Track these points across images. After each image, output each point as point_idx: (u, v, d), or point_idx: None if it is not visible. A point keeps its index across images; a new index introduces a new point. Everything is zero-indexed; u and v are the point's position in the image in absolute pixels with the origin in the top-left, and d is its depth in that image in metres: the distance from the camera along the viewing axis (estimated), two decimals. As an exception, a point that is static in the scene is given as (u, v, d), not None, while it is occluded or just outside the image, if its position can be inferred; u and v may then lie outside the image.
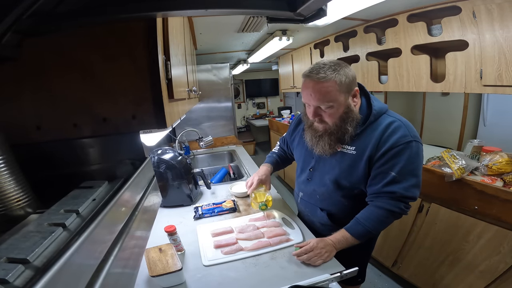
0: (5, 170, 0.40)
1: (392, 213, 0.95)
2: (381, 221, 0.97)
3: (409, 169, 0.92)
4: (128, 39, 0.56)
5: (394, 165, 0.92)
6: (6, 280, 0.24)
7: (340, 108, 0.94)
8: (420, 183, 0.96)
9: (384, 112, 0.99)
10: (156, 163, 1.39)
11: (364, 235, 0.98)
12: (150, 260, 0.89)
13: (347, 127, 0.96)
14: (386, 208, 0.95)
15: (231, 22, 2.07)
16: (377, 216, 0.96)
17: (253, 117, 6.64)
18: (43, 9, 0.43)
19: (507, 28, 1.25)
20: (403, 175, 0.92)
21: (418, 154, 0.94)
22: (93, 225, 0.34)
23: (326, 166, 1.08)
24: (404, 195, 0.93)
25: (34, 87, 0.54)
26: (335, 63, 0.92)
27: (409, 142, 0.91)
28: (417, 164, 0.94)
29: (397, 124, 0.94)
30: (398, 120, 0.96)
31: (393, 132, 0.93)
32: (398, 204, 0.94)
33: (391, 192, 0.93)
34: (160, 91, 0.58)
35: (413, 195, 0.94)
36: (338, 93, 0.91)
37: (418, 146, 0.94)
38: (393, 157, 0.92)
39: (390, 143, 0.92)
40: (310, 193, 1.18)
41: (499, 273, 1.30)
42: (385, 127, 0.95)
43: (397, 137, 0.92)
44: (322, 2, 0.57)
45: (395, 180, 0.92)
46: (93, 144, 0.60)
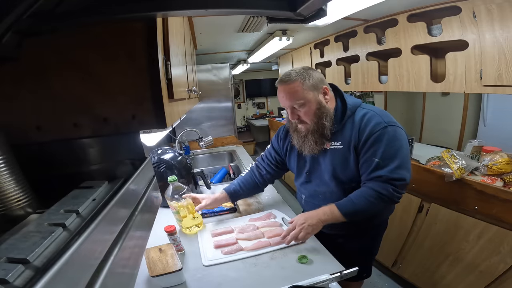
0: (5, 170, 0.40)
1: (380, 195, 0.97)
2: (369, 201, 0.98)
3: (390, 152, 0.97)
4: (128, 39, 0.56)
5: (376, 151, 0.98)
6: (6, 280, 0.24)
7: (312, 105, 1.02)
8: (405, 164, 0.98)
9: (358, 105, 1.07)
10: (156, 163, 1.39)
11: (351, 213, 1.01)
12: (150, 260, 0.89)
13: (323, 122, 1.03)
14: (375, 189, 0.98)
15: (231, 22, 2.07)
16: (366, 195, 0.99)
17: (253, 117, 6.63)
18: (43, 9, 0.43)
19: (507, 28, 1.25)
20: (385, 159, 0.97)
21: (397, 137, 0.98)
22: (93, 225, 0.34)
23: (321, 166, 1.11)
24: (390, 177, 0.96)
25: (34, 87, 0.54)
26: (300, 68, 1.04)
27: (385, 127, 0.98)
28: (397, 146, 0.98)
29: (371, 114, 1.02)
30: (371, 111, 1.03)
31: (368, 121, 1.00)
32: (386, 186, 0.97)
33: (379, 176, 0.98)
34: (160, 91, 0.58)
35: (400, 176, 0.96)
36: (306, 91, 1.00)
37: (395, 130, 0.99)
38: (372, 144, 0.98)
39: (367, 131, 0.99)
40: (312, 194, 1.20)
41: (499, 273, 1.30)
42: (361, 118, 1.02)
43: (372, 125, 0.99)
44: (322, 2, 0.57)
45: (380, 165, 0.97)
46: (93, 144, 0.60)
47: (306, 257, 0.97)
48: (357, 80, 2.37)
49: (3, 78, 0.52)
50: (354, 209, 1.00)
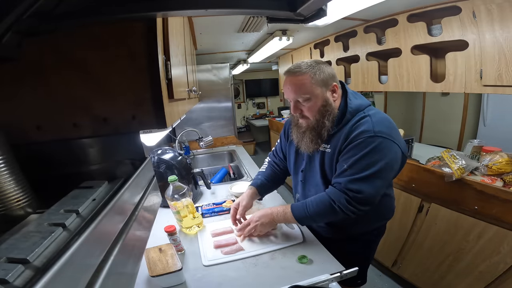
0: (5, 170, 0.40)
1: (332, 203, 0.93)
2: (320, 208, 0.95)
3: (362, 163, 0.89)
4: (128, 39, 0.56)
5: (349, 157, 0.92)
6: (6, 280, 0.24)
7: (317, 101, 0.96)
8: (372, 179, 0.89)
9: (361, 109, 0.99)
10: (156, 163, 1.39)
11: (302, 216, 0.99)
12: (150, 260, 0.89)
13: (325, 121, 0.98)
14: (329, 195, 0.94)
15: (231, 22, 2.07)
16: (319, 201, 0.97)
17: (253, 117, 6.63)
18: (43, 9, 0.43)
19: (507, 28, 1.25)
20: (353, 168, 0.91)
21: (379, 150, 0.89)
22: (93, 225, 0.34)
23: (314, 166, 1.09)
24: (347, 187, 0.90)
25: (34, 87, 0.54)
26: (312, 61, 0.98)
27: (370, 136, 0.90)
28: (374, 159, 0.89)
29: (365, 120, 0.94)
30: (368, 116, 0.95)
31: (356, 127, 0.94)
32: (340, 195, 0.92)
33: (338, 183, 0.94)
34: (160, 91, 0.58)
35: (358, 188, 0.89)
36: (314, 86, 0.95)
37: (382, 142, 0.89)
38: (350, 150, 0.93)
39: (352, 136, 0.93)
40: (305, 194, 1.18)
41: (499, 273, 1.30)
42: (354, 123, 0.95)
43: (358, 131, 0.92)
44: (322, 2, 0.57)
45: (345, 172, 0.92)
46: (93, 144, 0.60)
47: (306, 257, 0.97)
48: (357, 80, 2.37)
49: (3, 78, 0.52)
50: (305, 214, 0.98)
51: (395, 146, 0.92)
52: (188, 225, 1.19)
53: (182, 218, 1.18)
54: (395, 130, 0.96)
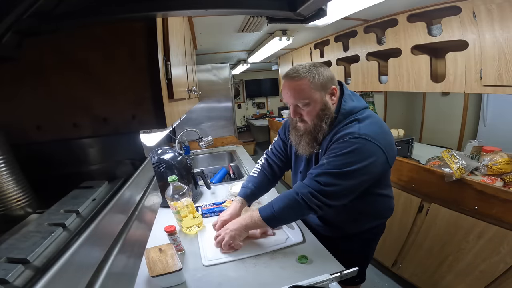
0: (5, 170, 0.40)
1: (296, 196, 0.92)
2: (285, 203, 0.95)
3: (340, 160, 0.89)
4: (128, 39, 0.56)
5: (329, 154, 0.93)
6: (6, 280, 0.24)
7: (316, 105, 0.96)
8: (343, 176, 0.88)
9: (355, 112, 0.97)
10: (156, 163, 1.39)
11: (269, 217, 0.98)
12: (150, 260, 0.89)
13: (322, 124, 0.98)
14: (294, 188, 0.94)
15: (231, 22, 2.07)
16: (284, 196, 0.96)
17: (253, 117, 6.63)
18: (43, 9, 0.43)
19: (507, 28, 1.25)
20: (329, 164, 0.91)
21: (361, 152, 0.88)
22: (93, 225, 0.34)
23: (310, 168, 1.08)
24: (316, 178, 0.90)
25: (34, 87, 0.54)
26: (310, 64, 0.97)
27: (354, 137, 0.89)
28: (353, 159, 0.88)
29: (352, 124, 0.95)
30: (357, 120, 0.95)
31: (343, 129, 0.94)
32: (304, 187, 0.91)
33: (309, 173, 0.94)
34: (160, 91, 0.58)
35: (328, 181, 0.88)
36: (313, 91, 0.94)
37: (365, 144, 0.88)
38: (333, 148, 0.93)
39: (336, 137, 0.94)
40: None
41: (499, 273, 1.30)
42: (342, 126, 0.96)
43: (344, 133, 0.93)
44: (322, 2, 0.57)
45: (320, 166, 0.93)
46: (93, 144, 0.60)
47: (306, 257, 0.97)
48: (357, 80, 2.37)
49: (3, 78, 0.52)
50: (271, 213, 0.97)
51: (379, 150, 0.90)
52: (188, 225, 1.19)
53: (182, 218, 1.18)
54: (385, 134, 0.95)
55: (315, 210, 0.92)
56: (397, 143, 2.02)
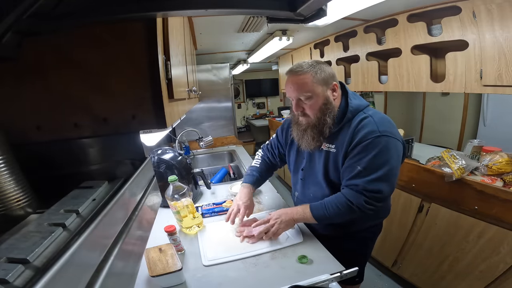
0: (5, 170, 0.40)
1: (350, 205, 0.96)
2: (339, 209, 0.98)
3: (375, 163, 0.93)
4: (128, 39, 0.56)
5: (361, 159, 0.95)
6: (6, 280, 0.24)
7: (319, 99, 0.99)
8: (387, 177, 0.94)
9: (361, 109, 1.02)
10: (156, 163, 1.39)
11: (320, 216, 1.02)
12: (150, 260, 0.89)
13: (326, 118, 1.01)
14: (347, 197, 0.97)
15: (231, 22, 2.07)
16: (337, 202, 0.99)
17: (253, 117, 6.63)
18: (43, 9, 0.43)
19: (507, 28, 1.25)
20: (367, 169, 0.94)
21: (387, 149, 0.94)
22: (93, 225, 0.34)
23: (316, 165, 1.11)
24: (366, 188, 0.94)
25: (34, 87, 0.54)
26: (313, 61, 1.02)
27: (377, 137, 0.94)
28: (385, 158, 0.94)
29: (367, 120, 0.98)
30: (370, 116, 0.99)
31: (362, 128, 0.97)
32: (359, 197, 0.95)
33: (355, 185, 0.96)
34: (160, 91, 0.58)
35: (376, 188, 0.94)
36: (315, 85, 0.98)
37: (388, 141, 0.94)
38: (360, 151, 0.95)
39: (358, 138, 0.96)
40: (304, 193, 1.20)
41: (499, 273, 1.30)
42: (357, 123, 0.99)
43: (364, 132, 0.95)
44: (322, 2, 0.57)
45: (360, 174, 0.95)
46: (93, 144, 0.60)
47: (306, 257, 0.97)
48: (357, 80, 2.37)
49: (3, 78, 0.52)
50: (324, 214, 1.01)
51: (399, 143, 0.97)
52: (188, 225, 1.19)
53: (182, 218, 1.18)
54: (395, 128, 1.01)
55: (368, 214, 0.97)
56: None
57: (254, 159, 1.42)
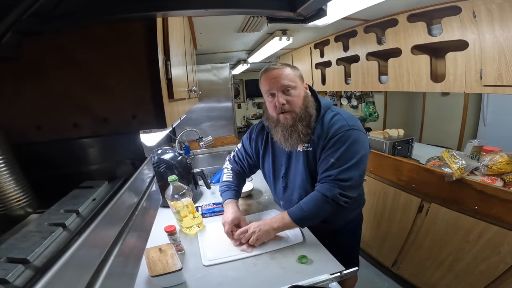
0: (5, 170, 0.40)
1: (326, 199, 0.99)
2: (316, 206, 1.01)
3: (346, 155, 0.99)
4: (128, 39, 0.56)
5: (334, 152, 1.01)
6: (6, 280, 0.24)
7: (301, 91, 1.06)
8: (357, 165, 1.00)
9: (328, 107, 1.09)
10: (156, 163, 1.39)
11: (299, 218, 1.04)
12: (150, 260, 0.89)
13: (310, 110, 1.06)
14: (322, 192, 1.01)
15: (231, 22, 2.07)
16: (313, 200, 1.02)
17: (253, 117, 6.64)
18: (43, 9, 0.43)
19: (507, 28, 1.25)
20: (340, 160, 0.99)
21: (357, 140, 1.01)
22: (93, 225, 0.34)
23: (296, 168, 1.12)
24: (338, 177, 0.98)
25: (34, 87, 0.54)
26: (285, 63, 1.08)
27: (347, 130, 1.01)
28: (355, 149, 1.00)
29: (338, 117, 1.05)
30: (339, 114, 1.06)
31: (333, 124, 1.03)
32: (333, 189, 0.99)
33: (328, 176, 1.01)
34: (160, 91, 0.58)
35: (348, 177, 0.99)
36: (296, 77, 1.05)
37: (358, 134, 1.02)
38: (333, 145, 1.01)
39: (331, 133, 1.02)
40: (289, 200, 1.19)
41: (499, 273, 1.30)
42: (329, 120, 1.05)
43: (336, 127, 1.02)
44: (322, 2, 0.57)
45: (333, 166, 1.00)
46: (93, 144, 0.60)
47: (306, 257, 0.97)
48: (357, 80, 2.37)
49: (3, 78, 0.52)
50: (303, 215, 1.03)
51: (364, 135, 1.05)
52: (188, 225, 1.19)
53: (182, 218, 1.18)
54: (359, 122, 1.09)
55: (344, 206, 1.00)
56: (397, 143, 2.02)
57: (224, 173, 1.36)
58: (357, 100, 3.32)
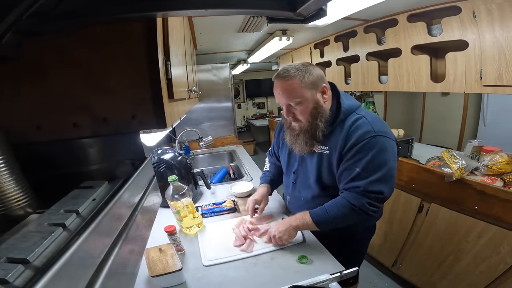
0: (5, 170, 0.40)
1: (353, 208, 0.93)
2: (342, 213, 0.96)
3: (373, 164, 0.92)
4: (128, 39, 0.56)
5: (358, 160, 0.93)
6: (6, 280, 0.24)
7: (309, 104, 0.98)
8: (386, 178, 0.93)
9: (353, 110, 1.01)
10: (156, 163, 1.39)
11: (322, 222, 0.99)
12: (150, 260, 0.89)
13: (317, 122, 0.99)
14: (349, 200, 0.95)
15: (231, 22, 2.07)
16: (339, 206, 0.97)
17: (253, 117, 6.63)
18: (43, 9, 0.43)
19: (507, 28, 1.25)
20: (367, 171, 0.92)
21: (384, 149, 0.93)
22: (93, 225, 0.34)
23: (308, 168, 1.10)
24: (367, 189, 0.92)
25: (34, 87, 0.54)
26: (300, 64, 0.98)
27: (373, 137, 0.92)
28: (383, 158, 0.92)
29: (362, 121, 0.96)
30: (363, 117, 0.97)
31: (356, 129, 0.95)
32: (361, 199, 0.93)
33: (356, 187, 0.94)
34: (160, 91, 0.58)
35: (378, 189, 0.92)
36: (304, 90, 0.96)
37: (384, 141, 0.93)
38: (357, 153, 0.94)
39: (354, 139, 0.94)
40: (296, 196, 1.19)
41: (499, 273, 1.30)
42: (351, 124, 0.97)
43: (360, 133, 0.94)
44: (322, 2, 0.57)
45: (360, 176, 0.93)
46: (93, 144, 0.60)
47: (306, 257, 0.97)
48: (357, 80, 2.37)
49: (3, 78, 0.52)
50: (326, 219, 0.98)
51: (393, 142, 0.97)
52: (188, 225, 1.19)
53: (182, 218, 1.18)
54: (388, 127, 1.01)
55: (372, 216, 0.95)
56: (397, 143, 2.02)
57: (265, 165, 1.48)
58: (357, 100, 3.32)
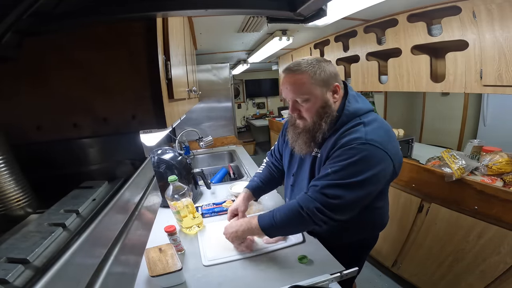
0: (5, 170, 0.40)
1: (300, 211, 0.86)
2: (287, 216, 0.89)
3: (347, 170, 0.83)
4: (128, 39, 0.56)
5: (335, 162, 0.86)
6: (6, 280, 0.24)
7: (317, 102, 0.90)
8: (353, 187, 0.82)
9: (358, 114, 0.92)
10: (156, 163, 1.39)
11: (267, 226, 0.93)
12: (150, 260, 0.89)
13: (322, 123, 0.92)
14: (299, 201, 0.88)
15: (231, 22, 2.07)
16: (287, 208, 0.91)
17: (253, 117, 6.63)
18: (43, 9, 0.43)
19: (507, 28, 1.25)
20: (336, 173, 0.84)
21: (369, 159, 0.83)
22: (93, 225, 0.34)
23: (303, 171, 1.06)
24: (323, 190, 0.84)
25: (34, 87, 0.54)
26: (314, 59, 0.92)
27: (361, 143, 0.83)
28: (360, 168, 0.82)
29: (358, 128, 0.88)
30: (363, 124, 0.89)
31: (348, 134, 0.88)
32: (312, 202, 0.84)
33: (314, 185, 0.87)
34: (160, 91, 0.58)
35: (335, 194, 0.82)
36: (313, 86, 0.89)
37: (373, 151, 0.83)
38: (338, 155, 0.86)
39: (342, 143, 0.87)
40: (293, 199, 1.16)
41: (499, 273, 1.30)
42: (347, 129, 0.90)
43: (350, 138, 0.86)
44: (322, 2, 0.57)
45: (327, 176, 0.85)
46: (93, 144, 0.60)
47: (306, 257, 0.97)
48: (357, 80, 2.37)
49: (3, 78, 0.52)
50: (271, 223, 0.92)
51: (387, 157, 0.85)
52: (188, 225, 1.19)
53: (182, 218, 1.18)
54: (391, 140, 0.90)
55: (319, 225, 0.86)
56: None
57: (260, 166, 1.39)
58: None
